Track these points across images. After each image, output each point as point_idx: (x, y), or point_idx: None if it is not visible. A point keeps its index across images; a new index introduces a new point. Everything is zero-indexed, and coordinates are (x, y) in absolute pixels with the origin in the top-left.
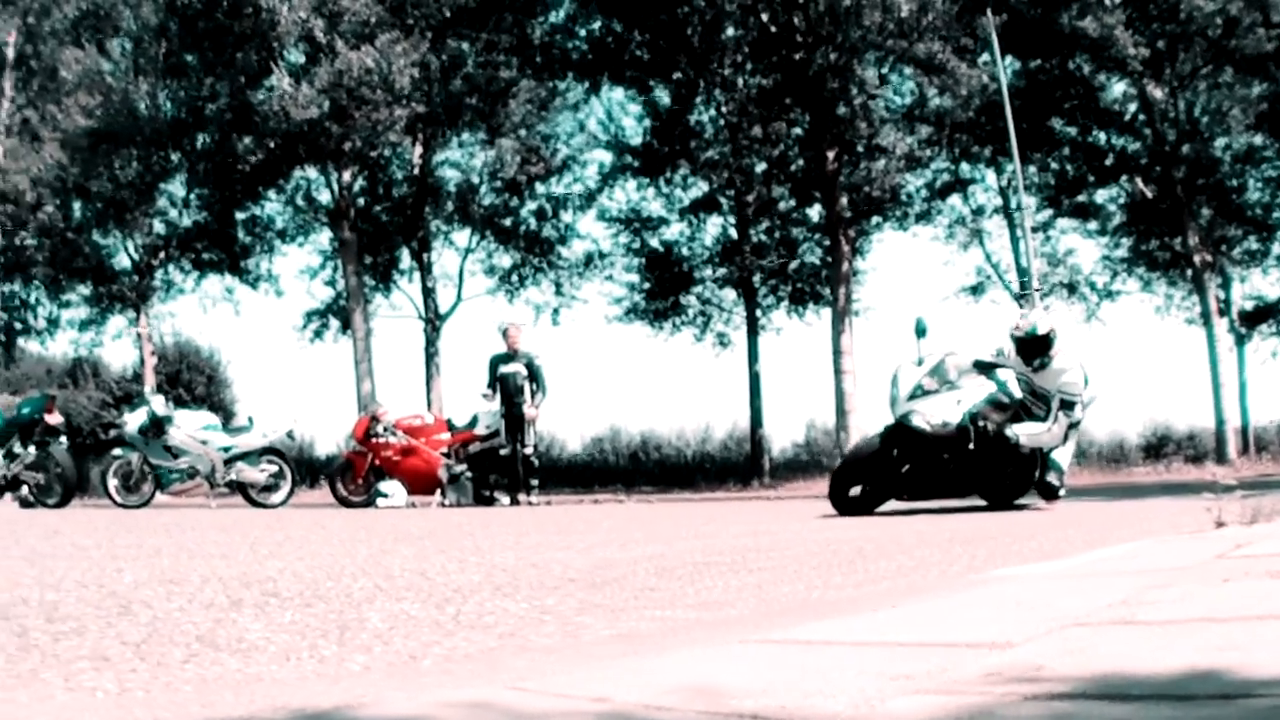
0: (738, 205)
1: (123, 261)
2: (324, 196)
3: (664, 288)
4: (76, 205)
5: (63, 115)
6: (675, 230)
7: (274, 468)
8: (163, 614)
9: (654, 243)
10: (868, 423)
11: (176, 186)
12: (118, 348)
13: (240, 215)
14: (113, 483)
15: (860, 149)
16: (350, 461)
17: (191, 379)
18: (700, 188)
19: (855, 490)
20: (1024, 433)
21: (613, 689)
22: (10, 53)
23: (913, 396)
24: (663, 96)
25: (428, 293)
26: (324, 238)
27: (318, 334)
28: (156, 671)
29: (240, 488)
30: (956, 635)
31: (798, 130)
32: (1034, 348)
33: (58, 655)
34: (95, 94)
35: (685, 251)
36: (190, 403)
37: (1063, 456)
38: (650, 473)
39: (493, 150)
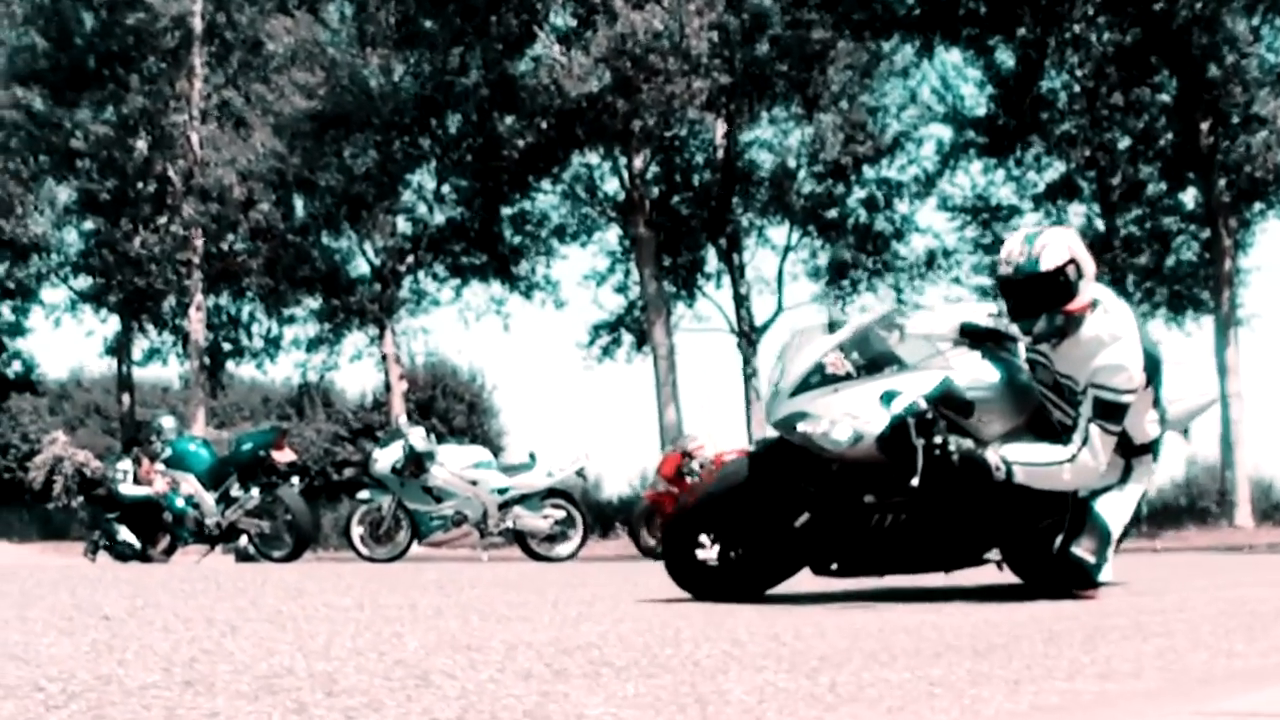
0: (1100, 190)
1: (360, 268)
2: (611, 186)
3: None
4: (299, 202)
5: (274, 96)
6: (1030, 221)
7: (560, 513)
8: (472, 686)
9: (1005, 236)
10: (1264, 458)
11: (425, 177)
12: (355, 371)
13: (506, 211)
14: (358, 531)
15: (1235, 119)
16: (656, 505)
17: (448, 407)
18: (1056, 169)
19: (710, 554)
20: (1020, 459)
21: None
22: (198, 23)
23: (805, 387)
24: (1006, 58)
25: (740, 300)
26: (612, 235)
27: (607, 351)
28: None
29: (519, 537)
30: None
31: (1164, 97)
32: (1035, 297)
33: None
34: (314, 69)
35: None
36: (448, 435)
37: (1113, 510)
38: None
39: (810, 127)
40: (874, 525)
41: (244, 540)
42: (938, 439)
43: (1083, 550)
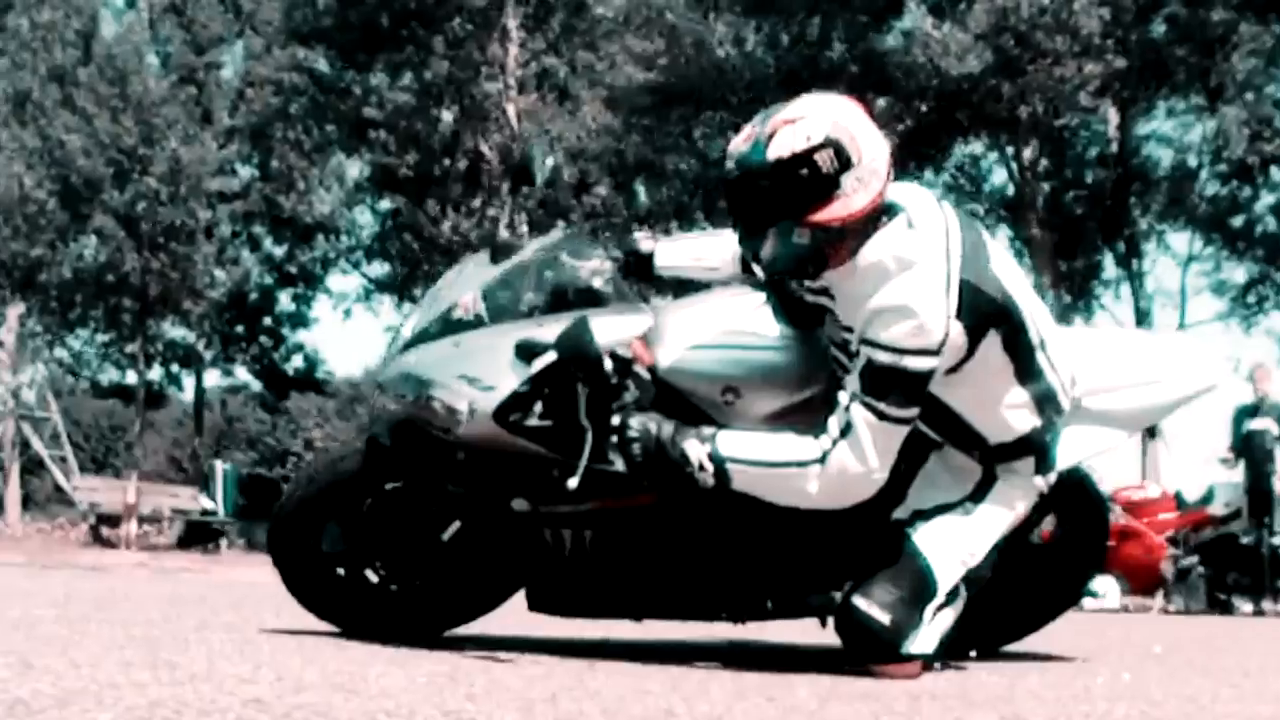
0: None
1: None
2: (998, 178)
3: None
4: (640, 187)
5: (604, 65)
6: None
7: None
8: None
9: None
10: None
11: None
12: None
13: None
14: None
15: None
16: None
17: None
18: None
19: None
20: (741, 455)
21: None
22: None
23: (426, 337)
24: None
25: (1141, 315)
26: (1002, 236)
27: None
28: None
29: None
30: None
31: None
32: (767, 203)
33: None
34: (652, 36)
35: None
36: None
37: (946, 544)
38: None
39: (1212, 121)
40: (556, 544)
41: None
42: (615, 419)
43: (871, 604)
